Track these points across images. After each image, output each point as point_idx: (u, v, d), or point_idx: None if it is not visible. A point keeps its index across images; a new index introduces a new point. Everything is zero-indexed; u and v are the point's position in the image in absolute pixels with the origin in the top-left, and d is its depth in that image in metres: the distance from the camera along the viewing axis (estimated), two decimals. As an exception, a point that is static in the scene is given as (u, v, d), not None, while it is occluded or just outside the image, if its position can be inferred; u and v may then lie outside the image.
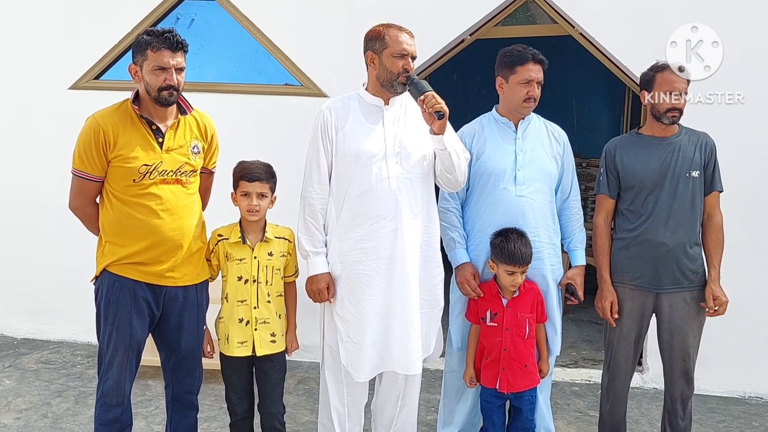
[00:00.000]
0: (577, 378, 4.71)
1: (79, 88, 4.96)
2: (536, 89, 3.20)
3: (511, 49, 3.24)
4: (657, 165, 3.19)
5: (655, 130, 3.25)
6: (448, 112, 2.85)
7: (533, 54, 3.19)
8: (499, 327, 3.16)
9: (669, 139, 3.23)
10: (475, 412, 3.42)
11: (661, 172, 3.18)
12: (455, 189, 3.15)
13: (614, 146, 3.33)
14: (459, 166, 2.99)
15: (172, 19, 4.94)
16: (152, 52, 2.75)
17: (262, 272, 3.02)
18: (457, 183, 3.07)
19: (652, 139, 3.26)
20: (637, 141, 3.29)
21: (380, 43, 2.98)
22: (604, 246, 3.33)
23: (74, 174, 2.85)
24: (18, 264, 5.13)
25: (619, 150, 3.30)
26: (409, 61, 2.96)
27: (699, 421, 3.98)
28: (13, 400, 4.07)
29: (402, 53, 2.94)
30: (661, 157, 3.20)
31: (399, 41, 2.95)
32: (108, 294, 2.84)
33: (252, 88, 4.88)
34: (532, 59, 3.18)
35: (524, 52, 3.20)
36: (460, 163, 3.00)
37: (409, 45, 2.97)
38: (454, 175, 3.01)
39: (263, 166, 3.04)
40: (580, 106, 8.40)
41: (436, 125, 2.86)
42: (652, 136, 3.26)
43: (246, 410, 3.16)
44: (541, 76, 3.21)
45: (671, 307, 3.23)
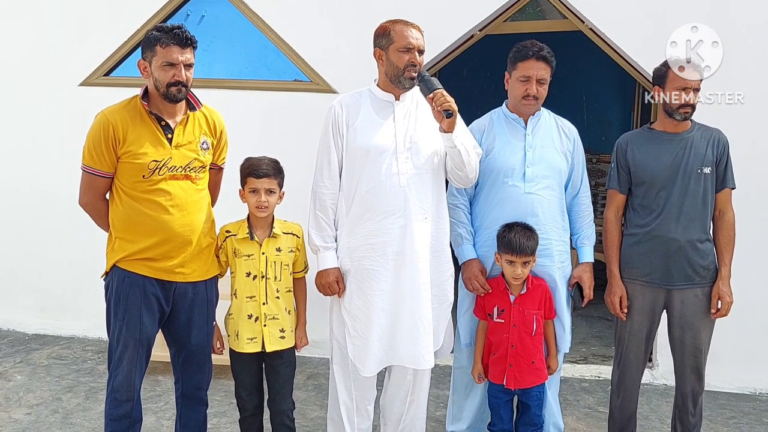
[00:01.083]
0: (587, 374, 4.70)
1: (90, 84, 4.98)
2: (535, 87, 3.15)
3: (519, 44, 3.20)
4: (669, 161, 3.17)
5: (668, 126, 3.23)
6: (457, 110, 2.84)
7: (536, 50, 3.13)
8: (506, 323, 3.15)
9: (681, 134, 3.21)
10: (484, 408, 3.42)
11: (672, 167, 3.17)
12: (466, 185, 3.14)
13: (626, 141, 3.31)
14: (469, 163, 2.98)
15: (182, 15, 4.95)
16: (161, 48, 2.76)
17: (271, 268, 3.02)
18: (468, 179, 3.06)
19: (664, 134, 3.24)
20: (649, 136, 3.27)
21: (386, 39, 2.98)
22: (614, 241, 3.31)
23: (84, 170, 2.86)
24: (29, 260, 5.17)
25: (631, 145, 3.28)
26: (416, 55, 2.95)
27: (709, 418, 3.96)
28: (24, 396, 4.10)
29: (407, 47, 2.94)
30: (673, 152, 3.18)
31: (404, 36, 2.95)
32: (118, 290, 2.85)
33: (261, 84, 4.88)
34: (533, 56, 3.13)
35: (527, 48, 3.15)
36: (470, 159, 2.98)
37: (415, 39, 2.95)
38: (464, 172, 3.00)
39: (271, 162, 3.04)
40: (590, 101, 8.36)
41: (445, 123, 2.85)
42: (665, 131, 3.24)
43: (255, 406, 3.17)
44: (545, 74, 3.15)
45: (682, 303, 3.22)
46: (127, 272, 2.85)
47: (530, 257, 3.09)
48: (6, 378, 4.34)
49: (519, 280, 3.13)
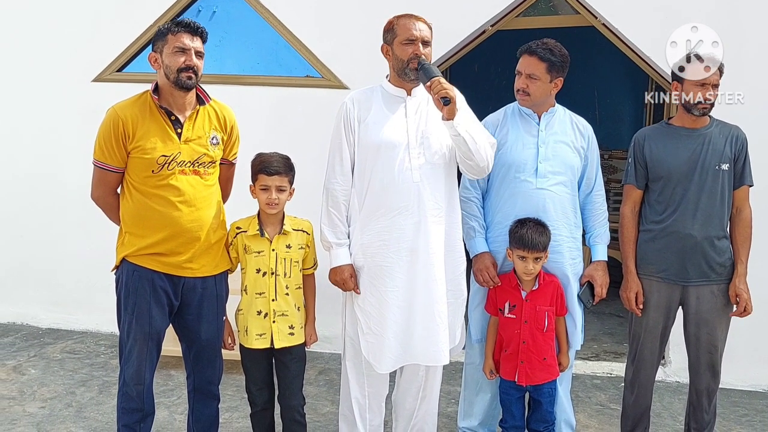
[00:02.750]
0: (599, 371, 4.69)
1: (103, 80, 5.01)
2: (524, 81, 3.16)
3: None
4: (686, 156, 3.15)
5: (686, 121, 3.21)
6: (456, 97, 2.81)
7: (529, 46, 3.16)
8: (517, 319, 3.15)
9: (700, 130, 3.19)
10: (495, 404, 3.41)
11: (690, 163, 3.14)
12: (480, 175, 3.08)
13: (643, 136, 3.29)
14: (477, 152, 2.92)
15: (193, 11, 4.96)
16: (172, 35, 2.79)
17: (281, 264, 3.03)
18: (479, 169, 2.99)
19: (682, 130, 3.21)
20: (667, 132, 3.25)
21: (391, 34, 2.99)
22: (630, 236, 3.30)
23: (95, 165, 2.88)
24: (43, 254, 5.20)
25: (648, 140, 3.26)
26: (419, 47, 2.93)
27: (722, 415, 3.94)
28: (38, 389, 4.13)
29: (410, 39, 2.93)
30: (690, 148, 3.16)
31: (407, 28, 2.95)
32: (127, 284, 2.87)
33: (273, 80, 4.89)
34: (525, 51, 3.17)
35: (524, 45, 3.19)
36: (478, 148, 2.92)
37: (418, 30, 2.94)
38: (474, 161, 2.94)
39: (282, 159, 3.04)
40: (602, 97, 8.32)
41: (444, 111, 2.83)
42: (683, 126, 3.22)
43: (266, 401, 3.18)
44: (535, 69, 3.13)
45: (698, 299, 3.20)
46: (136, 266, 2.86)
47: (542, 253, 3.08)
48: (20, 372, 4.38)
49: (530, 276, 3.12)
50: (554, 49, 3.15)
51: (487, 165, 3.00)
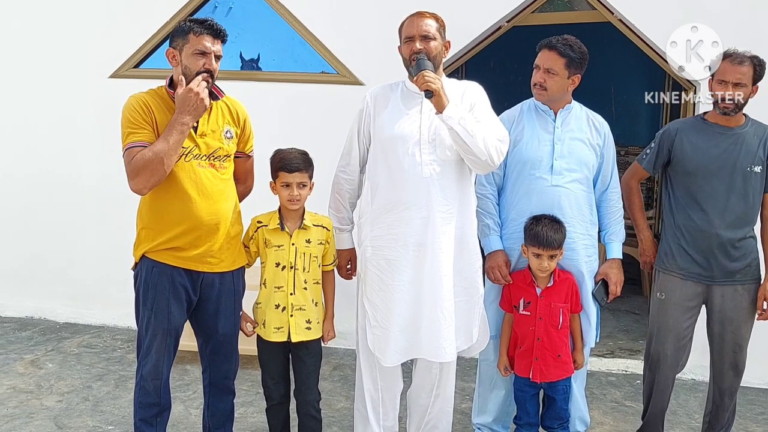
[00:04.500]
0: (614, 368, 4.67)
1: (120, 76, 5.03)
2: (541, 75, 3.15)
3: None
4: (717, 153, 3.11)
5: (720, 119, 3.17)
6: (441, 90, 2.79)
7: (549, 41, 3.16)
8: (532, 316, 3.14)
9: (734, 129, 3.14)
10: (510, 401, 3.41)
11: (720, 161, 3.10)
12: (485, 170, 3.03)
13: (676, 129, 3.25)
14: (475, 145, 2.84)
15: (209, 7, 4.98)
16: (194, 36, 2.78)
17: (300, 259, 3.04)
18: (481, 162, 2.91)
19: (716, 127, 3.17)
20: (702, 127, 3.20)
21: (400, 35, 3.02)
22: (640, 205, 3.28)
23: (129, 149, 2.74)
24: (60, 249, 5.25)
25: (680, 134, 3.21)
26: (416, 44, 2.93)
27: (738, 413, 3.89)
28: (56, 383, 4.17)
29: (408, 37, 2.96)
30: (723, 146, 3.12)
31: (406, 27, 2.99)
32: (147, 279, 2.88)
33: (288, 76, 4.90)
34: (544, 46, 3.17)
35: (545, 40, 3.18)
36: (476, 142, 2.84)
37: (416, 27, 2.95)
38: (473, 155, 2.87)
39: (301, 156, 3.05)
40: (618, 93, 8.27)
41: (433, 104, 2.84)
42: (717, 124, 3.17)
43: (282, 395, 3.19)
44: (553, 64, 3.12)
45: (723, 298, 3.17)
46: (155, 262, 2.87)
47: (557, 250, 3.07)
48: (38, 366, 4.42)
49: (545, 273, 3.12)
50: (574, 45, 3.14)
51: (489, 159, 2.90)
